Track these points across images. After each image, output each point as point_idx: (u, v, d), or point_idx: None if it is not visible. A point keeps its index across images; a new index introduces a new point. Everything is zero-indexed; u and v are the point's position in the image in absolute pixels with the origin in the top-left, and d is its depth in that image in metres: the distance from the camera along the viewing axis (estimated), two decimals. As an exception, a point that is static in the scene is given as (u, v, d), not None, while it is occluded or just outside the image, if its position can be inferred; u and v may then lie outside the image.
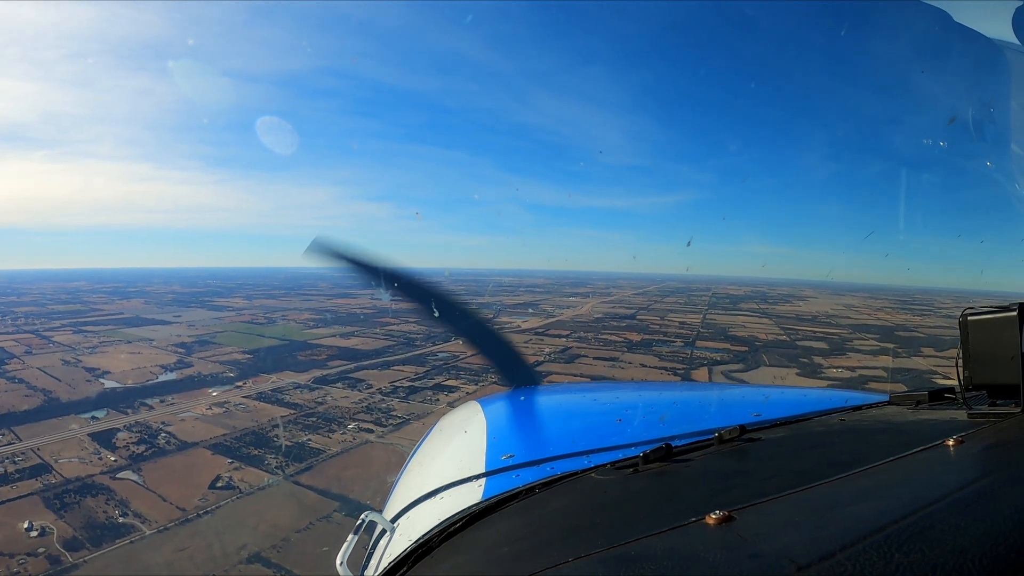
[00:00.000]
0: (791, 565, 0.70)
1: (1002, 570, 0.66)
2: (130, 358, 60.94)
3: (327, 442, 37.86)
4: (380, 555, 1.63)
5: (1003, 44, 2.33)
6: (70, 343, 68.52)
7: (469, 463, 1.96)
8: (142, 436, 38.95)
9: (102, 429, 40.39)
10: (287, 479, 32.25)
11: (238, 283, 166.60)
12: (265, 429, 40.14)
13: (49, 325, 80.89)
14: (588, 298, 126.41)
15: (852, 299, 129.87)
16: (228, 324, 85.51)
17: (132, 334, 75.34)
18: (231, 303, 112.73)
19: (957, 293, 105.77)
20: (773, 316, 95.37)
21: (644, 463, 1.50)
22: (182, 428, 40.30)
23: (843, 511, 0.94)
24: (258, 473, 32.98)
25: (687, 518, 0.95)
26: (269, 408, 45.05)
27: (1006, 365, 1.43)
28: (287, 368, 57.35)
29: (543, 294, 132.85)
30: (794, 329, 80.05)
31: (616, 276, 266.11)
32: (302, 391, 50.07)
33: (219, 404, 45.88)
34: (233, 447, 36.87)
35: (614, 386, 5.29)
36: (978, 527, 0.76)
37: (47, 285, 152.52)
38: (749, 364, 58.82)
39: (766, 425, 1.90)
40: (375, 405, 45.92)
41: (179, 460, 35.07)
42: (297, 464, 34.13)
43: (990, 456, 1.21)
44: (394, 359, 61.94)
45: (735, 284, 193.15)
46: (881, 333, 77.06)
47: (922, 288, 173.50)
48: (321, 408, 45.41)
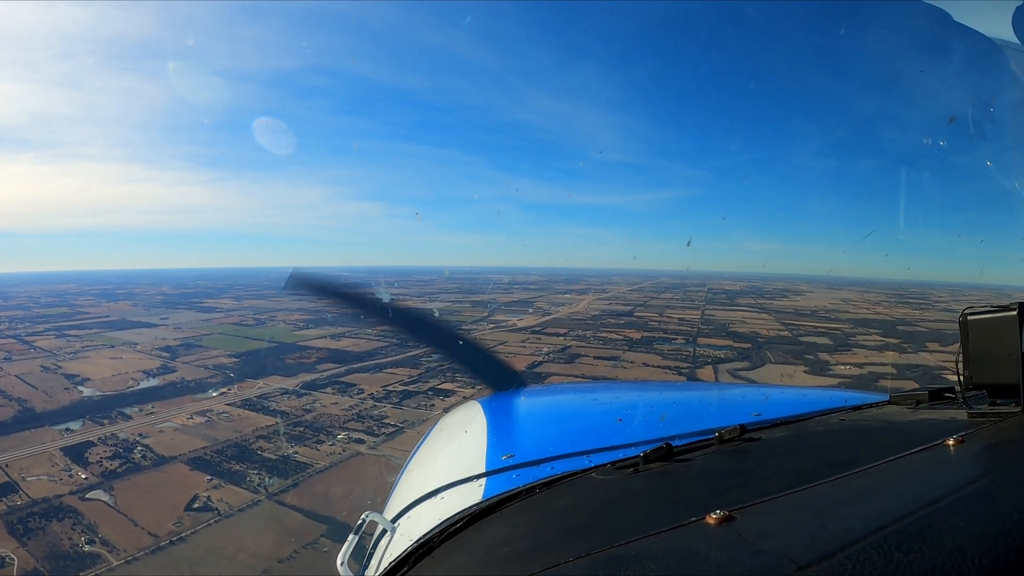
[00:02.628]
0: (791, 565, 0.71)
1: (1002, 570, 0.67)
2: (112, 363, 58.95)
3: (314, 455, 35.52)
4: (381, 555, 1.64)
5: (1003, 43, 2.31)
6: (52, 348, 66.71)
7: (469, 463, 1.96)
8: (117, 450, 36.53)
9: (76, 442, 38.02)
10: (270, 498, 29.94)
11: (228, 284, 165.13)
12: (248, 441, 37.72)
13: (33, 329, 79.21)
14: (584, 295, 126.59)
15: (848, 293, 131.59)
16: (216, 326, 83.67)
17: (116, 338, 73.55)
18: (220, 304, 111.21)
19: (952, 286, 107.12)
20: (772, 311, 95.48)
21: (644, 463, 1.52)
22: (160, 440, 37.88)
23: (843, 511, 0.94)
24: (239, 492, 30.58)
25: (687, 518, 0.97)
26: (254, 417, 42.61)
27: (1006, 364, 1.43)
28: (275, 372, 55.25)
29: (537, 291, 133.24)
30: (795, 324, 79.72)
31: (610, 272, 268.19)
32: (289, 397, 47.83)
33: (201, 413, 43.48)
34: (213, 462, 34.50)
35: (614, 386, 5.14)
36: (978, 527, 0.76)
37: (36, 288, 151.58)
38: (754, 362, 58.00)
39: (766, 425, 1.90)
40: (366, 412, 43.68)
41: (154, 477, 32.66)
42: (281, 481, 31.78)
43: (990, 456, 1.22)
44: (387, 361, 60.22)
45: (730, 279, 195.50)
46: (883, 328, 76.85)
47: (916, 282, 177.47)
48: (309, 416, 43.11)
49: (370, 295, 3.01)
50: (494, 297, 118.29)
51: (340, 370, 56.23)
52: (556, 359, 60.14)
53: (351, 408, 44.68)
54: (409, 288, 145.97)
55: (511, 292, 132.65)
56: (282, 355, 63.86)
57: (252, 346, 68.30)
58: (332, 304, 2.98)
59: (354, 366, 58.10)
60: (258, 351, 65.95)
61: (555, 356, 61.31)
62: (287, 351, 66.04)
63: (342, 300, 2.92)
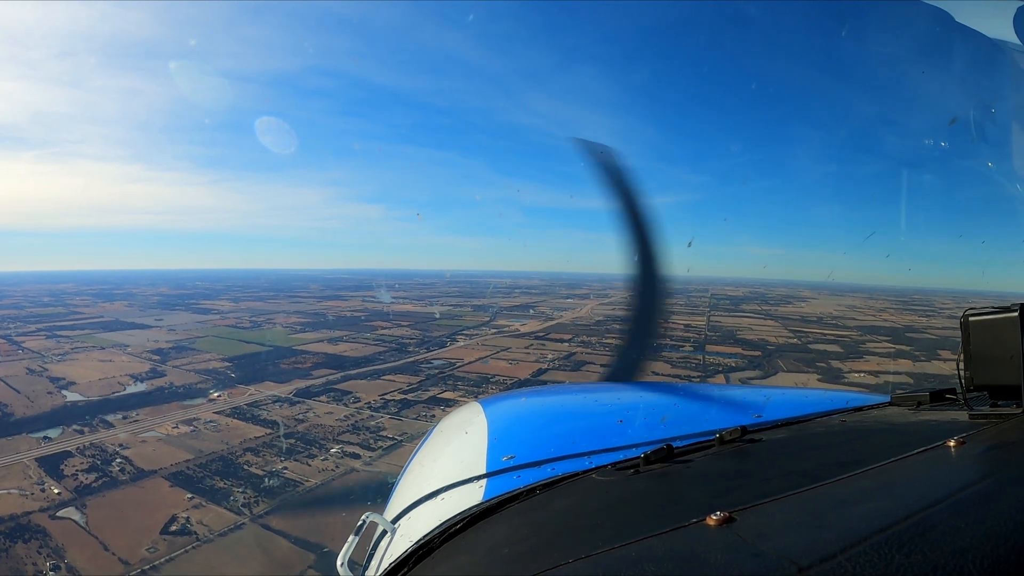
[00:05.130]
0: (792, 566, 0.72)
1: (1003, 571, 0.68)
2: (100, 366, 56.85)
3: (306, 471, 33.17)
4: (381, 556, 1.64)
5: (1004, 44, 2.32)
6: (40, 349, 64.59)
7: (470, 464, 1.96)
8: (95, 462, 34.24)
9: (53, 452, 35.80)
10: (255, 521, 27.57)
11: (227, 285, 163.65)
12: (235, 454, 35.40)
13: (24, 329, 77.21)
14: (586, 300, 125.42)
15: (852, 300, 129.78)
16: (211, 328, 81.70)
17: (108, 339, 71.51)
18: (217, 306, 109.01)
19: (955, 293, 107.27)
20: (777, 318, 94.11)
21: (645, 464, 1.53)
22: (141, 452, 35.57)
23: (844, 512, 0.95)
24: (220, 513, 28.24)
25: (688, 519, 0.97)
26: (242, 427, 40.34)
27: (1007, 366, 1.43)
28: (267, 378, 52.99)
29: (540, 296, 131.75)
30: (803, 331, 78.16)
31: (611, 277, 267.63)
32: (282, 406, 45.54)
33: (187, 421, 41.19)
34: (196, 477, 32.19)
35: (615, 387, 4.35)
36: (979, 528, 0.77)
37: (33, 287, 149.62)
38: (766, 370, 56.65)
39: (767, 426, 1.91)
40: (363, 423, 41.37)
41: (131, 494, 30.35)
42: (268, 500, 29.43)
43: (991, 457, 1.23)
44: (385, 367, 58.09)
45: (732, 285, 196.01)
46: (892, 335, 74.69)
47: (919, 288, 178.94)
48: (301, 427, 40.79)
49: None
50: (494, 301, 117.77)
51: (336, 376, 54.13)
52: (562, 366, 58.59)
53: (346, 418, 42.52)
54: (410, 291, 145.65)
55: (513, 296, 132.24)
56: (277, 359, 61.83)
57: (246, 350, 66.19)
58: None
59: (351, 372, 55.95)
60: (251, 355, 63.92)
61: (560, 363, 59.75)
62: (282, 355, 63.93)
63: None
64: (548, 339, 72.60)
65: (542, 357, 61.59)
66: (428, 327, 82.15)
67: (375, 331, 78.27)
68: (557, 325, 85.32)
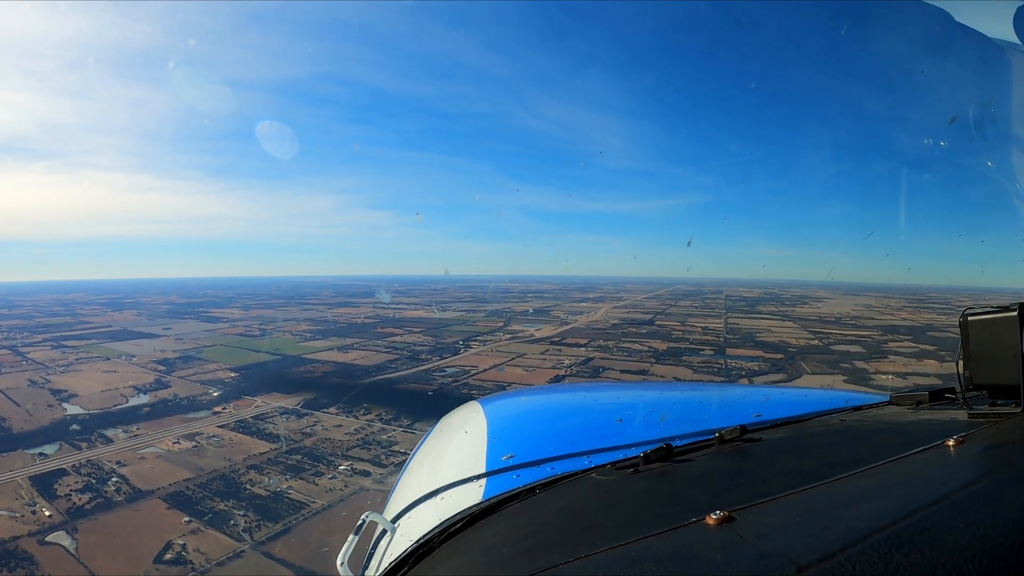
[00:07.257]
0: (791, 566, 0.72)
1: (1002, 571, 0.67)
2: (103, 378, 55.41)
3: (312, 491, 30.99)
4: (381, 555, 1.64)
5: (1004, 44, 2.33)
6: (45, 360, 63.35)
7: (469, 463, 1.95)
8: (90, 481, 32.31)
9: (48, 470, 33.96)
10: (256, 548, 25.42)
11: (238, 293, 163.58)
12: (238, 472, 33.33)
13: (30, 340, 76.49)
14: (600, 303, 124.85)
15: (867, 299, 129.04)
16: (219, 337, 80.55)
17: (114, 349, 70.30)
18: (227, 314, 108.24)
19: (972, 291, 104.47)
20: (795, 319, 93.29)
21: (645, 463, 1.52)
22: (139, 470, 33.61)
23: (844, 511, 0.96)
24: (219, 539, 26.08)
25: (688, 518, 0.97)
26: (246, 442, 38.33)
27: (1007, 365, 1.44)
28: (275, 389, 50.95)
29: (552, 300, 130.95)
30: (823, 332, 77.12)
31: (623, 280, 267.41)
32: (288, 418, 43.58)
33: (189, 436, 39.25)
34: (195, 498, 30.14)
35: (615, 386, 4.85)
36: (978, 528, 0.77)
37: (43, 297, 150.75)
38: (790, 373, 55.48)
39: (767, 425, 1.90)
40: (373, 437, 39.23)
41: (126, 516, 28.29)
42: (270, 525, 27.27)
43: (990, 456, 1.23)
44: (397, 376, 56.09)
45: (745, 286, 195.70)
46: (914, 334, 73.42)
47: (934, 287, 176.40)
48: (308, 441, 38.71)
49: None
50: (507, 306, 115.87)
51: (346, 386, 52.08)
52: (580, 372, 57.08)
53: (356, 432, 40.44)
54: (421, 297, 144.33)
55: (527, 300, 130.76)
56: (285, 369, 60.16)
57: (254, 359, 64.73)
58: None
59: (362, 381, 54.05)
60: (259, 364, 62.27)
61: (578, 369, 58.16)
62: (291, 364, 62.44)
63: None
64: (564, 344, 71.10)
65: (559, 363, 59.86)
66: (440, 333, 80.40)
67: (387, 338, 76.75)
68: (572, 330, 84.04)
